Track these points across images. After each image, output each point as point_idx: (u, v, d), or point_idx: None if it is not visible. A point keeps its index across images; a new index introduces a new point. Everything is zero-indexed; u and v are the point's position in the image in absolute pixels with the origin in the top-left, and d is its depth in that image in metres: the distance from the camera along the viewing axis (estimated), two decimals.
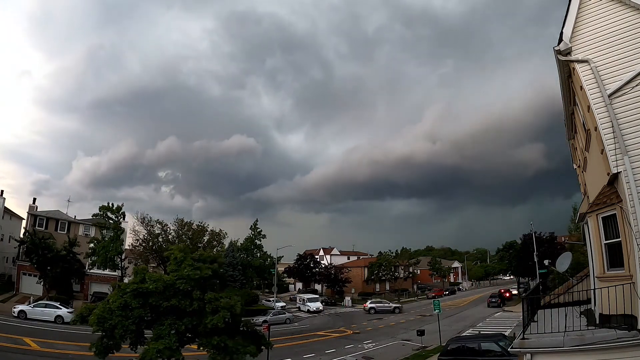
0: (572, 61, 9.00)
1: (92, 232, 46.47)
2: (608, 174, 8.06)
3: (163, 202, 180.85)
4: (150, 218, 45.36)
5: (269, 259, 57.69)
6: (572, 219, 47.36)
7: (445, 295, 68.82)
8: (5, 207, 46.33)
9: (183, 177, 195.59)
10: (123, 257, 40.96)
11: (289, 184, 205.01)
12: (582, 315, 9.46)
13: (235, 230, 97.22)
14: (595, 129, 8.44)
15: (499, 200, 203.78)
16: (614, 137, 7.90)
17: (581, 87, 8.81)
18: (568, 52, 9.08)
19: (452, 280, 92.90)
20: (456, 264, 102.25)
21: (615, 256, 8.19)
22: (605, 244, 8.46)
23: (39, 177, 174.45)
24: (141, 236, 44.33)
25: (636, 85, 7.98)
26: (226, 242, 50.37)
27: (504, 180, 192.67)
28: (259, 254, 55.75)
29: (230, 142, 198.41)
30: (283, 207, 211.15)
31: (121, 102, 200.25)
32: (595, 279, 9.32)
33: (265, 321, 30.49)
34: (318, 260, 74.15)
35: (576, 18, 9.18)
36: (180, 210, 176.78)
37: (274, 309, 43.26)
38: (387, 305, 48.55)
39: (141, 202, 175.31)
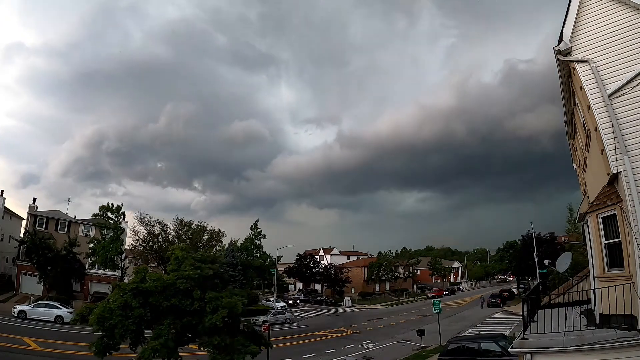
0: (572, 61, 9.00)
1: (92, 232, 46.45)
2: (608, 174, 8.06)
3: (165, 198, 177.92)
4: (150, 218, 45.35)
5: (269, 259, 57.74)
6: (568, 219, 47.18)
7: (445, 295, 68.93)
8: (5, 207, 46.32)
9: (182, 168, 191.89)
10: (123, 257, 40.97)
11: (291, 180, 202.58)
12: (582, 315, 9.45)
13: (238, 229, 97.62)
14: (595, 129, 8.44)
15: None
16: (614, 137, 7.90)
17: (581, 87, 8.81)
18: (568, 52, 9.08)
19: (452, 280, 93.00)
20: (456, 264, 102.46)
21: (615, 256, 8.18)
22: (605, 244, 8.45)
23: (26, 168, 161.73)
24: (141, 236, 44.33)
25: (636, 85, 7.98)
26: (225, 242, 50.46)
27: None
28: (259, 254, 55.81)
29: (236, 127, 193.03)
30: (288, 204, 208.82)
31: (115, 81, 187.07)
32: (595, 279, 9.31)
33: (265, 321, 30.47)
34: (318, 260, 74.17)
35: (576, 18, 9.18)
36: (182, 207, 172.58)
37: (274, 309, 43.26)
38: None
39: (140, 198, 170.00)
